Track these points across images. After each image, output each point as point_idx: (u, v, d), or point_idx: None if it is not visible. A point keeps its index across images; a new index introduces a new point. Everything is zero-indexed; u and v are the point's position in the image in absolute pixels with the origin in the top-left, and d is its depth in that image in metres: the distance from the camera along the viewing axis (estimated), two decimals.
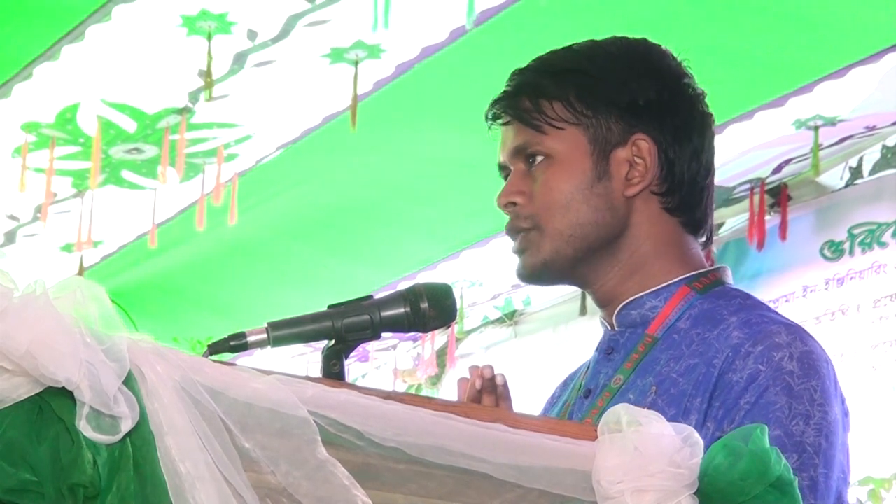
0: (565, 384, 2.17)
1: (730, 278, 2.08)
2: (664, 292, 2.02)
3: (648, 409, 1.87)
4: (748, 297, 2.03)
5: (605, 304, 2.07)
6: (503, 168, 2.08)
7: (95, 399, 1.30)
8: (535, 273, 2.05)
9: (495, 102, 2.08)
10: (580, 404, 2.03)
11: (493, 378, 1.97)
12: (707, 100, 2.10)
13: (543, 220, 2.02)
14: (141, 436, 1.33)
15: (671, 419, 1.83)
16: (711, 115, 2.10)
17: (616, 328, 2.04)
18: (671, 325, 1.99)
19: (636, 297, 2.03)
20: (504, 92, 2.08)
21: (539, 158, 2.03)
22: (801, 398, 1.85)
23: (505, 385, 1.98)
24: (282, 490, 1.37)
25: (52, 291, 1.33)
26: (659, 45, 2.10)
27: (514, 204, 2.04)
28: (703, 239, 2.09)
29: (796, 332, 1.91)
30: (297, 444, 1.38)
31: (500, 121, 2.08)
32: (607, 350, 2.04)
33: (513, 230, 2.05)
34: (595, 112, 2.03)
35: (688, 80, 2.08)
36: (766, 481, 1.46)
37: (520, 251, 2.05)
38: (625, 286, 2.03)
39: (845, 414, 1.93)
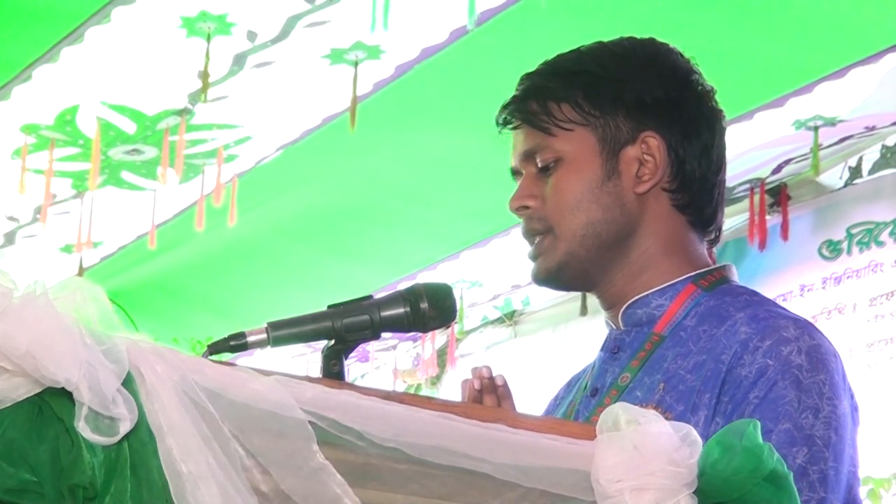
0: (569, 385, 2.17)
1: (735, 276, 2.08)
2: (670, 290, 2.02)
3: (657, 405, 1.89)
4: (754, 293, 2.03)
5: (611, 305, 2.07)
6: (515, 172, 2.09)
7: (94, 400, 1.30)
8: (550, 276, 2.05)
9: (504, 107, 2.09)
10: (587, 403, 2.04)
11: (492, 378, 1.98)
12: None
13: (555, 222, 2.02)
14: (138, 438, 1.33)
15: (680, 415, 1.85)
16: (721, 111, 2.11)
17: (622, 327, 2.04)
18: (678, 323, 1.99)
19: (642, 295, 2.03)
20: (513, 96, 2.09)
21: (549, 161, 2.03)
22: (809, 392, 1.86)
23: (505, 385, 1.98)
24: (279, 491, 1.37)
25: (51, 292, 1.33)
26: (666, 44, 2.11)
27: (527, 207, 2.05)
28: (711, 238, 2.10)
29: (804, 327, 1.92)
30: (294, 446, 1.38)
31: (510, 125, 2.08)
32: (613, 349, 2.04)
33: (528, 233, 2.06)
34: (603, 112, 2.03)
35: (696, 76, 2.08)
36: (759, 475, 1.46)
37: (534, 256, 2.06)
38: (632, 286, 2.04)
39: (854, 409, 1.93)
